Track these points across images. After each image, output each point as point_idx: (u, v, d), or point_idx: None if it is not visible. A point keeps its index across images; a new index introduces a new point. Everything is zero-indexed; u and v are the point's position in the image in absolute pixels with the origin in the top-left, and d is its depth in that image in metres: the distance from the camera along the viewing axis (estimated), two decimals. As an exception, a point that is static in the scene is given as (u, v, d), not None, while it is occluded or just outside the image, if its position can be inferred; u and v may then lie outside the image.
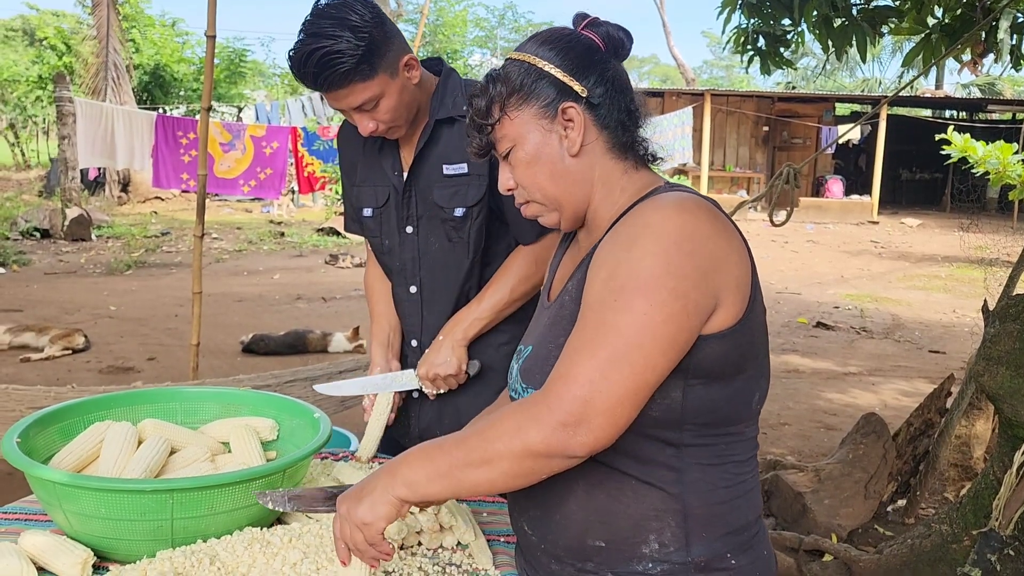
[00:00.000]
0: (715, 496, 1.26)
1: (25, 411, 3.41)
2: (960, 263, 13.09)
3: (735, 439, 1.28)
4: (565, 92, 1.29)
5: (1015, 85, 30.83)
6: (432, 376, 1.99)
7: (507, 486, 1.20)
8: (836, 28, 4.23)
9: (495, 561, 1.55)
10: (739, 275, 1.22)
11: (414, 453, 1.25)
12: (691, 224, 1.18)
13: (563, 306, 1.33)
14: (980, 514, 2.91)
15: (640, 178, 1.34)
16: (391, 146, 2.05)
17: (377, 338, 2.13)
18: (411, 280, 2.07)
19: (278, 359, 6.76)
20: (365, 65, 1.78)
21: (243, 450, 1.74)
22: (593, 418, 1.12)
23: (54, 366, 6.41)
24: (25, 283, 9.99)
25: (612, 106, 1.31)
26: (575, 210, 1.35)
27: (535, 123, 1.30)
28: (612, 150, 1.33)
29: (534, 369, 1.32)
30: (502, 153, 1.35)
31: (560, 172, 1.32)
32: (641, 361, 1.13)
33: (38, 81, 23.64)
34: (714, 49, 50.80)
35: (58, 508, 1.47)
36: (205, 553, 1.43)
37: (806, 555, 3.61)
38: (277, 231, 15.50)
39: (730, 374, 1.23)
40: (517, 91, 1.30)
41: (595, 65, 1.31)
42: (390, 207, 2.06)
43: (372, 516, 1.23)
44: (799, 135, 21.07)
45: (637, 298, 1.14)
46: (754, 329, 1.25)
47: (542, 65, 1.30)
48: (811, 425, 5.53)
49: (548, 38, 1.33)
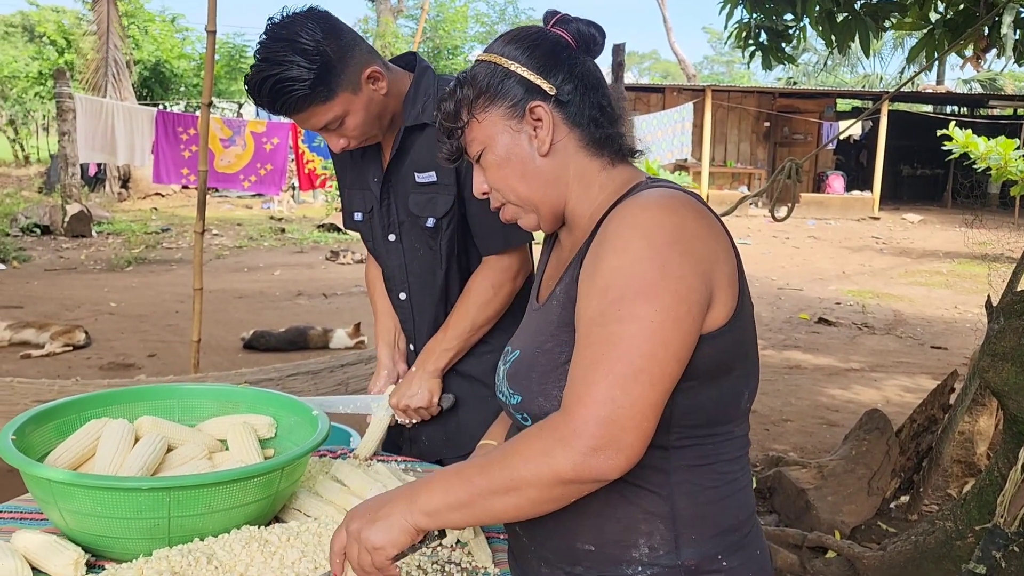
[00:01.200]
0: (703, 497, 1.24)
1: (29, 404, 3.41)
2: (962, 259, 13.07)
3: (724, 439, 1.26)
4: (532, 91, 1.27)
5: (1016, 81, 30.80)
6: (403, 407, 1.98)
7: (534, 513, 1.16)
8: (839, 23, 4.22)
9: (494, 559, 1.53)
10: (728, 271, 1.20)
11: (435, 479, 1.20)
12: (681, 222, 1.16)
13: (551, 311, 1.30)
14: (984, 511, 2.90)
15: (619, 174, 1.31)
16: (373, 153, 2.01)
17: (383, 338, 2.12)
18: (400, 287, 2.07)
19: (279, 355, 6.74)
20: (322, 87, 1.70)
21: (241, 448, 1.72)
22: (622, 437, 1.08)
23: (55, 363, 6.40)
24: (25, 279, 9.98)
25: (583, 103, 1.29)
26: (552, 210, 1.33)
27: (503, 124, 1.28)
28: (586, 147, 1.30)
29: (519, 375, 1.30)
30: (473, 156, 1.32)
31: (531, 172, 1.29)
32: (658, 371, 1.10)
33: (38, 77, 23.62)
34: (715, 45, 50.79)
35: (54, 506, 1.46)
36: (202, 552, 1.42)
37: (809, 552, 3.59)
38: (278, 227, 15.48)
39: (722, 374, 1.21)
40: (484, 92, 1.28)
41: (563, 62, 1.29)
42: (374, 214, 2.04)
43: (384, 540, 1.17)
44: (800, 131, 21.06)
45: (640, 305, 1.11)
46: (745, 326, 1.23)
47: (508, 64, 1.28)
48: (813, 421, 5.51)
49: (515, 37, 1.31)
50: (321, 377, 4.23)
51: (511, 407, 1.32)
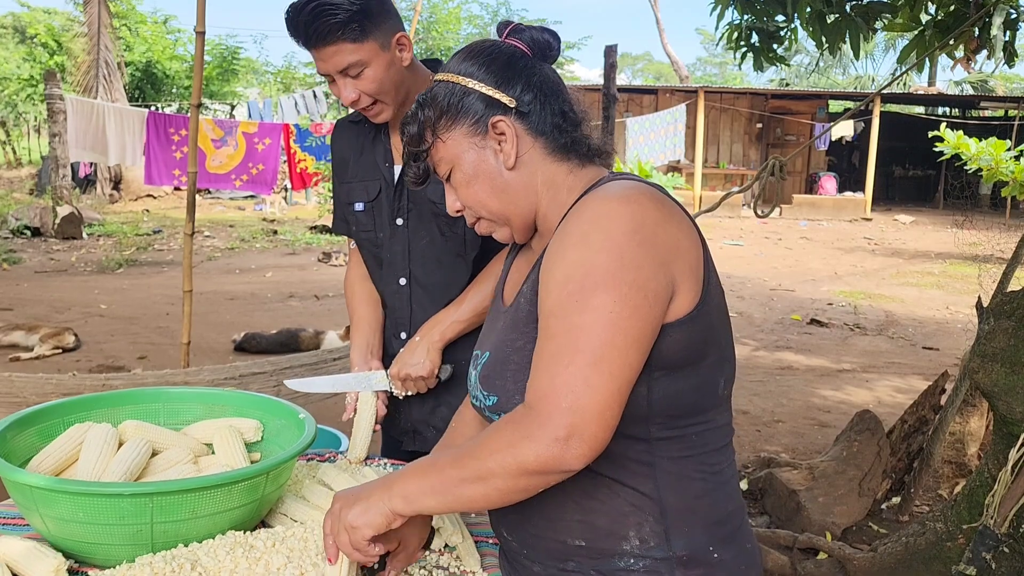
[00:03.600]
0: (691, 489, 1.25)
1: (29, 397, 3.40)
2: (953, 260, 13.11)
3: (705, 428, 1.26)
4: (493, 105, 1.28)
5: (1008, 82, 30.90)
6: (403, 376, 1.96)
7: (503, 502, 1.19)
8: (829, 24, 4.22)
9: (483, 563, 1.52)
10: (692, 259, 1.20)
11: (412, 467, 1.24)
12: (639, 213, 1.17)
13: (519, 309, 1.31)
14: (975, 511, 2.90)
15: (585, 174, 1.32)
16: (383, 138, 2.05)
17: (357, 341, 2.11)
18: (400, 272, 2.07)
19: (270, 358, 6.72)
20: (356, 25, 1.79)
21: (227, 452, 1.70)
22: (584, 428, 1.10)
23: (44, 365, 6.36)
24: (15, 281, 9.93)
25: (543, 111, 1.30)
26: (523, 221, 1.34)
27: (467, 142, 1.29)
28: (551, 154, 1.31)
29: (493, 376, 1.31)
30: (443, 176, 1.34)
31: (500, 187, 1.30)
32: (618, 360, 1.11)
33: (29, 79, 23.53)
34: (708, 46, 50.84)
35: (35, 512, 1.44)
36: (186, 558, 1.40)
37: (800, 553, 3.59)
38: (270, 229, 15.45)
39: (693, 362, 1.22)
40: (445, 112, 1.29)
41: (520, 73, 1.29)
42: (381, 200, 2.06)
43: (361, 521, 1.23)
44: (793, 132, 21.12)
45: (599, 296, 1.12)
46: (712, 312, 1.23)
47: (466, 82, 1.29)
48: (805, 422, 5.51)
49: (469, 53, 1.32)
50: (315, 370, 4.22)
51: (487, 409, 1.32)
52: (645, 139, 15.36)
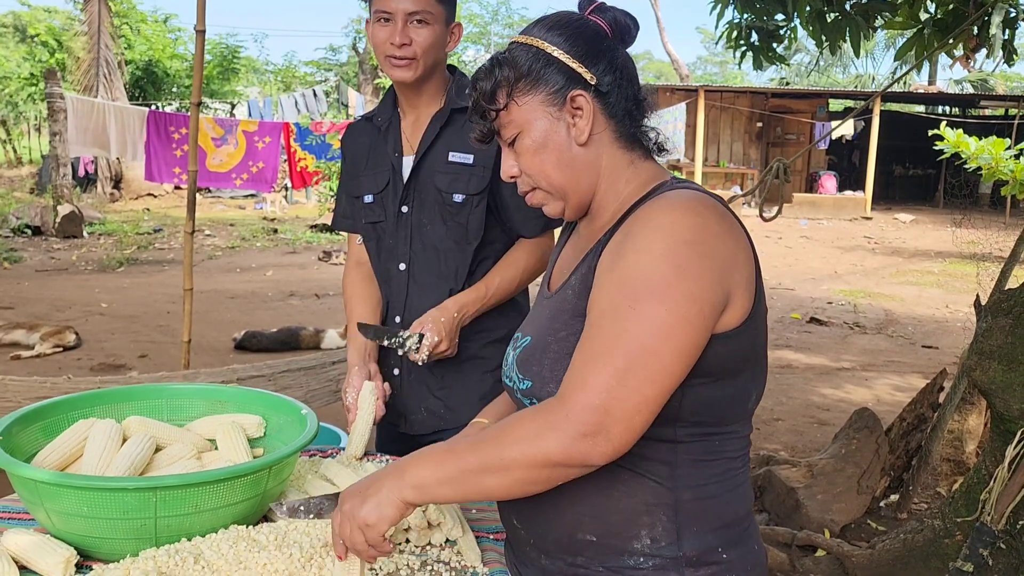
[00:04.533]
0: (706, 491, 1.25)
1: (22, 401, 3.40)
2: (953, 259, 13.11)
3: (729, 437, 1.27)
4: (574, 79, 1.26)
5: (1007, 81, 30.90)
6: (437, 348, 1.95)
7: (521, 493, 1.18)
8: (829, 23, 4.22)
9: (483, 558, 1.53)
10: (747, 274, 1.21)
11: (424, 455, 1.22)
12: (702, 225, 1.17)
13: (565, 300, 1.30)
14: (972, 508, 2.91)
15: (646, 170, 1.32)
16: (394, 130, 2.12)
17: (355, 342, 2.13)
18: (401, 257, 2.10)
19: (271, 356, 6.73)
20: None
21: (229, 447, 1.72)
22: (612, 427, 1.10)
23: (45, 364, 6.38)
24: (16, 280, 9.94)
25: (621, 95, 1.29)
26: (580, 200, 1.33)
27: (543, 110, 1.27)
28: (619, 140, 1.31)
29: (531, 361, 1.30)
30: (507, 140, 1.31)
31: (567, 161, 1.29)
32: (659, 368, 1.11)
33: (29, 78, 23.53)
34: (708, 45, 50.82)
35: (40, 507, 1.46)
36: (189, 552, 1.41)
37: (799, 550, 3.60)
38: (270, 228, 15.46)
39: (732, 374, 1.22)
40: (525, 76, 1.27)
41: (604, 52, 1.28)
42: (389, 190, 2.10)
43: (376, 517, 1.20)
44: (793, 131, 21.11)
45: (652, 303, 1.12)
46: (758, 328, 1.24)
47: (551, 50, 1.27)
48: (804, 420, 5.53)
49: (556, 23, 1.30)
50: (313, 374, 4.22)
51: (520, 392, 1.31)
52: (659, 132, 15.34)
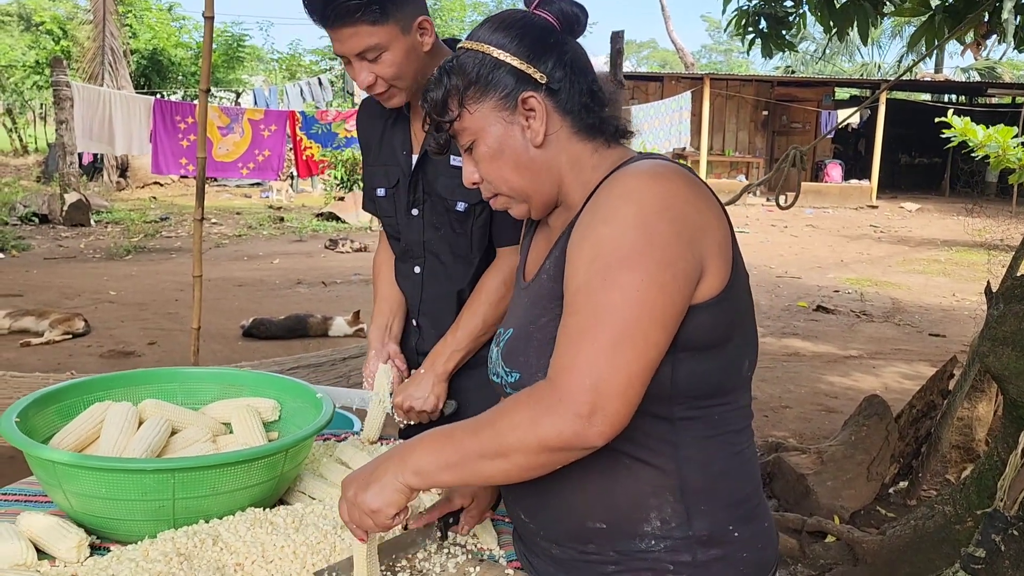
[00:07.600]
0: (713, 469, 1.24)
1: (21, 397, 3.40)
2: (959, 247, 13.08)
3: (728, 409, 1.26)
4: (524, 80, 1.24)
5: (1015, 69, 30.73)
6: (407, 408, 1.96)
7: (522, 477, 1.17)
8: (838, 9, 4.20)
9: (499, 540, 1.53)
10: (720, 240, 1.19)
11: (425, 440, 1.21)
12: (669, 191, 1.15)
13: (541, 286, 1.29)
14: (984, 495, 2.91)
15: (611, 154, 1.30)
16: (403, 126, 2.02)
17: (376, 321, 2.12)
18: (416, 260, 2.06)
19: (279, 343, 6.75)
20: (376, 6, 1.71)
21: (245, 430, 1.72)
22: (606, 404, 1.09)
23: (54, 351, 6.40)
24: (24, 268, 9.96)
25: (574, 90, 1.26)
26: (544, 199, 1.31)
27: (495, 115, 1.26)
28: (578, 133, 1.28)
29: (516, 352, 1.29)
30: (463, 147, 1.30)
31: (525, 164, 1.27)
32: (642, 338, 1.10)
33: (35, 66, 23.53)
34: (713, 33, 50.63)
35: (58, 488, 1.46)
36: (207, 533, 1.42)
37: (809, 536, 3.61)
38: (277, 216, 15.46)
39: (719, 343, 1.21)
40: (474, 83, 1.25)
41: (552, 48, 1.26)
42: (400, 188, 2.04)
43: (380, 503, 1.21)
44: (798, 119, 21.05)
45: (625, 273, 1.11)
46: (739, 294, 1.23)
47: (497, 54, 1.25)
48: (812, 408, 5.53)
49: (501, 23, 1.28)
50: (323, 370, 4.23)
51: (508, 386, 1.31)
52: (650, 126, 15.29)
